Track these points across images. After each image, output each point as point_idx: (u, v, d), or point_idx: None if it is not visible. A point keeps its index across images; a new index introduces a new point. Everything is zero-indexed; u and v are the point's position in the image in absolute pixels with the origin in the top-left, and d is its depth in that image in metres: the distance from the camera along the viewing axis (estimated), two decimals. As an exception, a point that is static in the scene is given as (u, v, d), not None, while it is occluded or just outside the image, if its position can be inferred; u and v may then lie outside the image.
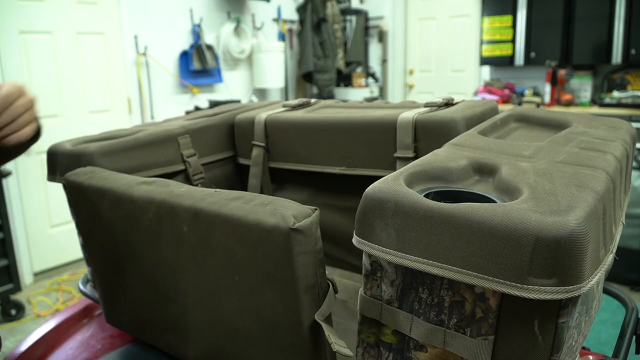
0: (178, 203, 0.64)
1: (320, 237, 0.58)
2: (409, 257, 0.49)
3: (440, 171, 0.57)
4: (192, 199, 0.63)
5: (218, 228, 0.60)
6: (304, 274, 0.56)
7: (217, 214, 0.60)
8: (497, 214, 0.45)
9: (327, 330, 0.57)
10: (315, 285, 0.58)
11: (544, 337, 0.46)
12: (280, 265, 0.56)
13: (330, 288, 0.60)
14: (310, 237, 0.56)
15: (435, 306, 0.51)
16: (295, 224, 0.54)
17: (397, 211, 0.50)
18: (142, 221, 0.69)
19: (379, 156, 0.92)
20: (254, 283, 0.60)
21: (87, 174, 0.77)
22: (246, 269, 0.60)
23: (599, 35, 3.68)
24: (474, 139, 0.66)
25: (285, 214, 0.55)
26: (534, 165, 0.56)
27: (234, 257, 0.60)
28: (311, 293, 0.58)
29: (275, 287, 0.58)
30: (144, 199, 0.68)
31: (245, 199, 0.61)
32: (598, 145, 0.62)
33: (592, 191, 0.49)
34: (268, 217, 0.56)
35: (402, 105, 1.02)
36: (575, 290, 0.43)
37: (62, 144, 0.94)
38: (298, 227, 0.54)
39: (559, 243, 0.42)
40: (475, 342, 0.49)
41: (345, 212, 1.07)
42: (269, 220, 0.56)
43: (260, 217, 0.56)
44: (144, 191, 0.69)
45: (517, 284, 0.44)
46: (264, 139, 1.09)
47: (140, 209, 0.69)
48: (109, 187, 0.73)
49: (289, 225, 0.54)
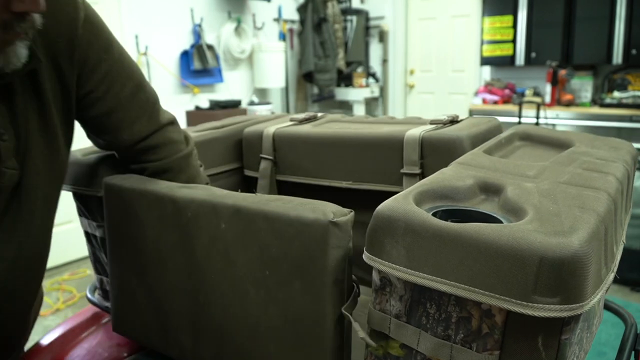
0: (220, 202, 0.69)
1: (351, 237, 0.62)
2: (418, 274, 0.51)
3: (447, 190, 0.59)
4: (233, 199, 0.68)
5: (257, 224, 0.65)
6: (335, 267, 0.60)
7: (259, 210, 0.65)
8: (504, 234, 0.47)
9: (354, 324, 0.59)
10: (344, 280, 0.62)
11: (547, 352, 0.48)
12: (315, 256, 0.61)
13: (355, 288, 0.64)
14: (346, 233, 0.61)
15: (442, 321, 0.53)
16: (334, 218, 0.59)
17: (407, 230, 0.52)
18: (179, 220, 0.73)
19: (386, 172, 0.94)
20: (284, 276, 0.64)
21: (127, 179, 0.81)
22: (278, 263, 0.64)
23: (600, 36, 3.69)
24: (480, 158, 0.68)
25: (325, 210, 0.60)
26: (538, 185, 0.58)
27: (268, 252, 0.64)
28: (339, 288, 0.62)
29: (306, 278, 0.62)
30: (185, 198, 0.72)
31: (285, 199, 0.66)
32: (600, 166, 0.64)
33: (595, 212, 0.51)
34: (308, 212, 0.61)
35: (408, 121, 1.04)
36: (578, 309, 0.45)
37: (72, 153, 0.95)
38: (337, 221, 0.59)
39: (562, 263, 0.44)
40: (481, 357, 0.51)
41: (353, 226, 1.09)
42: (309, 215, 0.61)
43: (301, 213, 0.61)
44: (186, 192, 0.73)
45: (523, 302, 0.46)
46: (272, 152, 1.11)
47: (180, 208, 0.72)
48: (151, 189, 0.77)
49: (329, 218, 0.59)
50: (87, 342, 1.00)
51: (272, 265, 0.64)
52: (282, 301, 0.64)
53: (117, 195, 0.80)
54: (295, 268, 0.62)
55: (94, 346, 0.98)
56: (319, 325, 0.62)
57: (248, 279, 0.67)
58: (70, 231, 3.12)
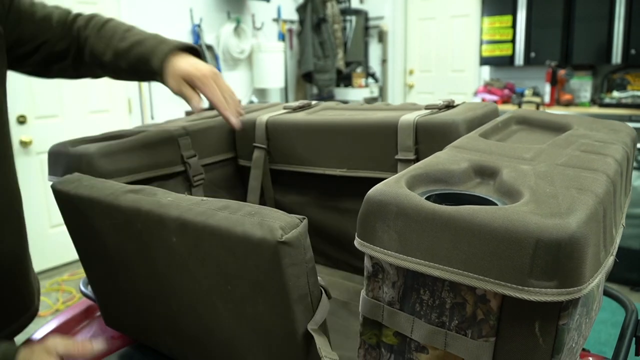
0: (165, 213, 0.63)
1: (309, 246, 0.57)
2: (411, 260, 0.50)
3: (441, 174, 0.58)
4: (179, 210, 0.62)
5: (207, 239, 0.60)
6: (295, 285, 0.56)
7: (205, 225, 0.59)
8: (498, 216, 0.45)
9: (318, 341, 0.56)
10: (308, 294, 0.58)
11: (544, 338, 0.47)
12: (270, 277, 0.56)
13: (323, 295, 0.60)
14: (299, 249, 0.55)
15: (436, 308, 0.51)
16: (283, 237, 0.53)
17: (398, 214, 0.50)
18: (131, 231, 0.69)
19: (380, 158, 0.93)
20: (247, 292, 0.60)
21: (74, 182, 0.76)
22: (238, 279, 0.60)
23: (599, 35, 3.69)
24: (475, 142, 0.67)
25: (272, 225, 0.54)
26: (534, 168, 0.56)
27: (225, 268, 0.60)
28: (304, 302, 0.57)
29: (267, 297, 0.58)
30: (131, 209, 0.67)
31: (232, 208, 0.60)
32: (598, 148, 0.62)
33: (593, 194, 0.49)
34: (256, 229, 0.55)
35: (403, 107, 1.02)
36: (576, 292, 0.44)
37: (62, 144, 0.94)
38: (286, 240, 0.53)
39: (559, 245, 0.43)
40: (476, 344, 0.49)
41: (346, 214, 1.08)
42: (256, 232, 0.55)
43: (248, 230, 0.55)
44: (130, 201, 0.68)
45: (518, 286, 0.44)
46: (265, 141, 1.09)
47: (128, 218, 0.68)
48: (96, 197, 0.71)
49: (277, 238, 0.53)
50: (81, 334, 0.99)
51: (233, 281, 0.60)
52: (251, 315, 0.61)
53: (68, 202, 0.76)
54: (255, 286, 0.58)
55: (89, 339, 0.97)
56: (289, 342, 0.59)
57: (213, 293, 0.63)
58: (67, 231, 3.12)
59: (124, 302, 0.80)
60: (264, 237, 0.54)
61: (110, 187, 0.72)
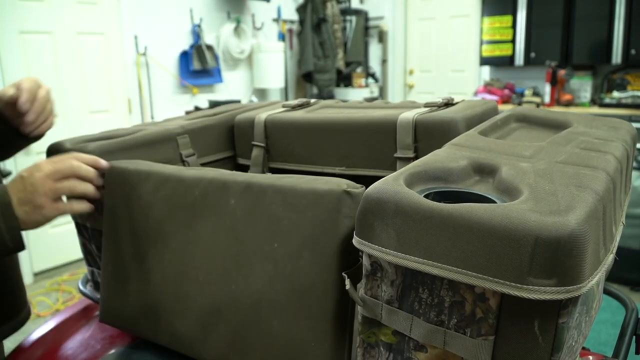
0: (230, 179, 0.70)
1: None
2: (409, 258, 0.49)
3: (440, 171, 0.57)
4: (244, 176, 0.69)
5: (269, 197, 0.65)
6: (345, 237, 0.60)
7: (271, 184, 0.66)
8: (497, 214, 0.45)
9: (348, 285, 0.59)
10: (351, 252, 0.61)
11: (544, 337, 0.46)
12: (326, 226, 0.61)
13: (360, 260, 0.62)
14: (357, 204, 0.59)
15: (435, 306, 0.51)
16: (348, 188, 0.61)
17: (397, 211, 0.50)
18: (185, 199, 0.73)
19: (379, 156, 0.92)
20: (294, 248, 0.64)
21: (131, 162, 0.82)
22: (288, 235, 0.64)
23: (599, 36, 3.69)
24: (475, 139, 0.66)
25: (339, 182, 0.62)
26: (534, 165, 0.56)
27: (278, 225, 0.65)
28: (347, 258, 0.61)
29: (316, 249, 0.62)
30: (193, 177, 0.73)
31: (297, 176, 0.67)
32: (598, 146, 0.62)
33: (592, 191, 0.49)
34: (321, 185, 0.63)
35: (402, 105, 1.02)
36: (575, 291, 0.43)
37: (61, 143, 0.94)
38: (350, 191, 0.61)
39: (558, 243, 0.42)
40: (475, 343, 0.49)
41: None
42: (322, 186, 0.62)
43: (314, 185, 0.63)
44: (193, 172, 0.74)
45: (517, 284, 0.44)
46: (264, 139, 1.09)
47: (187, 186, 0.73)
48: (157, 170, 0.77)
49: (342, 188, 0.61)
50: (79, 334, 0.99)
51: (282, 238, 0.65)
52: (289, 274, 0.64)
53: (121, 178, 0.80)
54: (306, 239, 0.63)
55: (87, 338, 0.97)
56: (325, 297, 0.62)
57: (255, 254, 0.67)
58: (69, 232, 3.11)
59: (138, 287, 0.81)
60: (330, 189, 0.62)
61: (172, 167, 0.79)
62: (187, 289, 0.75)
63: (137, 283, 0.81)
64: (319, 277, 0.62)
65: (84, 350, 0.93)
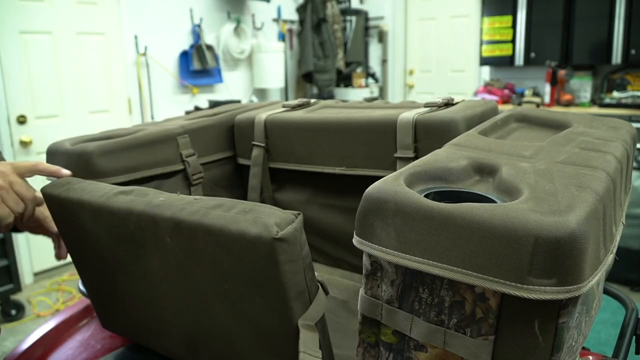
0: (159, 214, 0.62)
1: (306, 241, 0.57)
2: (409, 258, 0.49)
3: (440, 171, 0.57)
4: (171, 209, 0.61)
5: (201, 238, 0.59)
6: (292, 282, 0.55)
7: (199, 224, 0.58)
8: (497, 214, 0.45)
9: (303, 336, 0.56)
10: (305, 290, 0.57)
11: (544, 337, 0.46)
12: (267, 274, 0.55)
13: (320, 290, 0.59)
14: (295, 245, 0.54)
15: (435, 306, 0.51)
16: (279, 233, 0.52)
17: (397, 211, 0.50)
18: (125, 231, 0.68)
19: (379, 156, 0.92)
20: (244, 291, 0.59)
21: (64, 186, 0.75)
22: (234, 278, 0.59)
23: (599, 36, 3.69)
24: (475, 139, 0.66)
25: (267, 222, 0.53)
26: (534, 165, 0.56)
27: (221, 266, 0.59)
28: (302, 299, 0.57)
29: (265, 295, 0.57)
30: (123, 210, 0.66)
31: (225, 206, 0.59)
32: (598, 146, 0.62)
33: (593, 191, 0.49)
34: (250, 226, 0.54)
35: (402, 105, 1.02)
36: (576, 291, 0.43)
37: (61, 143, 0.94)
38: (282, 236, 0.52)
39: (559, 243, 0.42)
40: (475, 342, 0.49)
41: (346, 212, 1.08)
42: (251, 230, 0.54)
43: (243, 227, 0.54)
44: (122, 202, 0.67)
45: (517, 284, 0.44)
46: (264, 139, 1.09)
47: (121, 220, 0.67)
48: (87, 199, 0.70)
49: (272, 235, 0.52)
50: (80, 334, 0.99)
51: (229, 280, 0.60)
52: (249, 314, 0.60)
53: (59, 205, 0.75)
54: (252, 284, 0.58)
55: (87, 338, 0.97)
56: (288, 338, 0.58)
57: (209, 292, 0.62)
58: (67, 231, 3.11)
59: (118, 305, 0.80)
60: (259, 235, 0.53)
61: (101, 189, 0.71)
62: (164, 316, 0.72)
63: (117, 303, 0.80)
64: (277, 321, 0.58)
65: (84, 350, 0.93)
